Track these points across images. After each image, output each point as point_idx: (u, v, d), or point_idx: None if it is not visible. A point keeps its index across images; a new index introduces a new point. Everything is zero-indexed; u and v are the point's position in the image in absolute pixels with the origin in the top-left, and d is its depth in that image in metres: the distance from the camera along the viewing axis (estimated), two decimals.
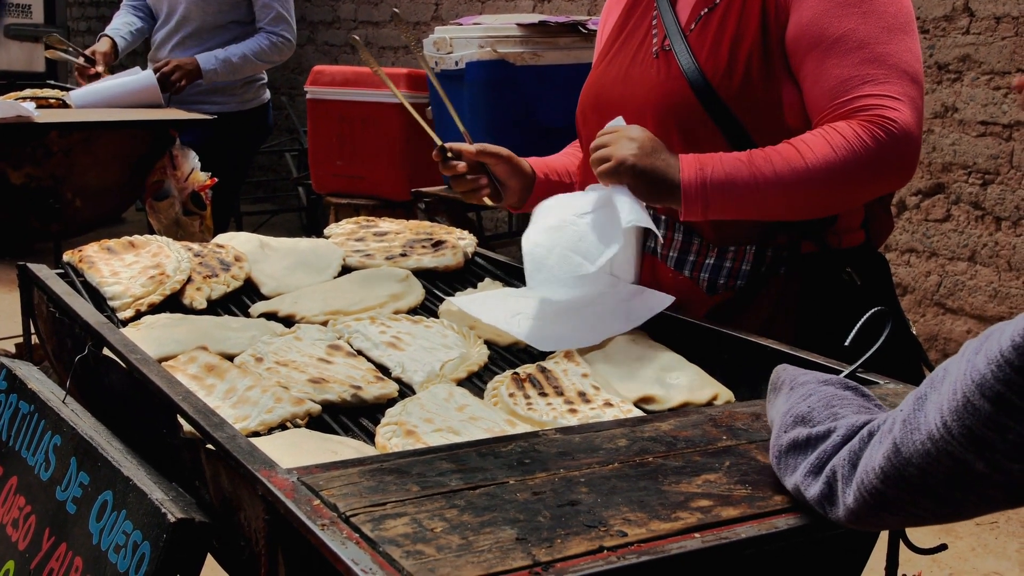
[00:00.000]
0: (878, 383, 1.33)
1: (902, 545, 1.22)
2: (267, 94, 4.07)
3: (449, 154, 1.76)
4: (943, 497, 0.85)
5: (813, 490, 0.94)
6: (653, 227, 1.56)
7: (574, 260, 1.54)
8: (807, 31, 1.52)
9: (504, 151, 1.79)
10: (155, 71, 3.69)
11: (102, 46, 3.86)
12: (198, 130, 3.62)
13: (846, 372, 1.35)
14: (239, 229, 2.83)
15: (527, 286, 1.61)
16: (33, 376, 1.51)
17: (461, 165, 1.77)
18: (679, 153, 1.55)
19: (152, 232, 3.25)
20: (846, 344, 1.32)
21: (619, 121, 1.60)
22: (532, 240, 1.59)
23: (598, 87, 1.72)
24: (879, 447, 0.88)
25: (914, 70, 1.50)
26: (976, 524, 3.11)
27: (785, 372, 1.16)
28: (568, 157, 1.90)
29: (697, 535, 0.89)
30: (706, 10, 1.60)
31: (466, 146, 1.77)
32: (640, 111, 1.62)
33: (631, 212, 1.52)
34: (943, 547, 1.22)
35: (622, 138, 1.54)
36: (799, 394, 1.06)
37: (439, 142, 1.77)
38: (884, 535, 1.22)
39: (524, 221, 1.83)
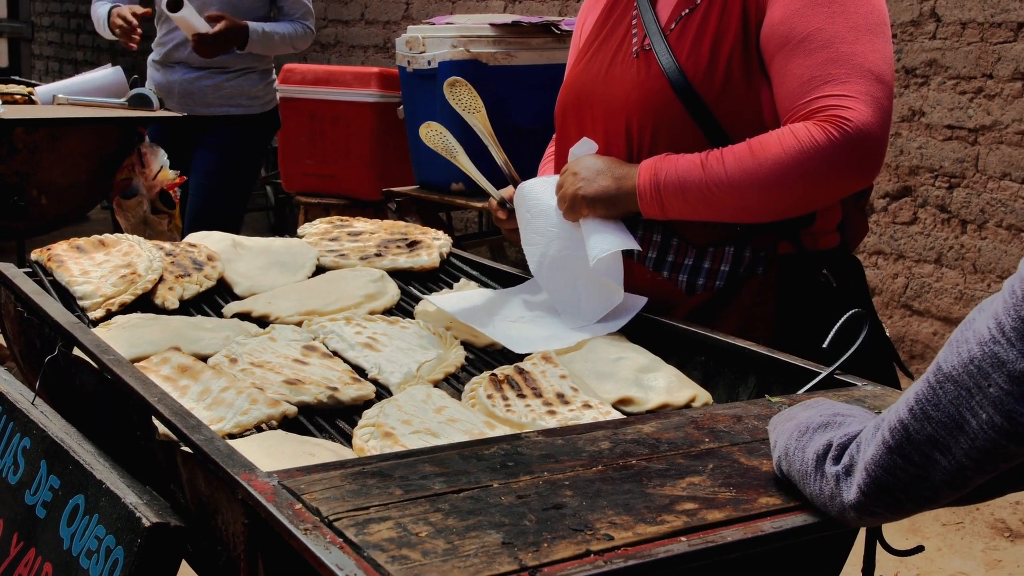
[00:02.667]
0: (856, 385, 1.33)
1: (878, 547, 1.22)
2: (277, 95, 4.08)
3: (508, 205, 1.80)
4: (968, 427, 0.82)
5: (832, 467, 0.93)
6: (624, 247, 1.58)
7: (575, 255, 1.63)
8: (777, 30, 1.52)
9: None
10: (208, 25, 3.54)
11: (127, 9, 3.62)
12: (223, 130, 3.67)
13: (825, 373, 1.35)
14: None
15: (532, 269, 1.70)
16: (0, 377, 1.48)
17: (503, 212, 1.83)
18: (663, 153, 1.56)
19: (118, 231, 3.21)
20: (824, 346, 1.32)
21: (582, 145, 1.65)
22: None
23: (578, 85, 1.71)
24: (911, 387, 0.87)
25: (880, 70, 1.48)
26: (942, 524, 3.14)
27: (824, 398, 1.17)
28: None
29: (683, 538, 0.88)
30: (687, 11, 1.60)
31: (511, 191, 1.80)
32: (620, 110, 1.61)
33: (600, 243, 1.58)
34: (920, 548, 1.23)
35: (568, 175, 1.63)
36: (842, 404, 1.07)
37: (497, 197, 1.81)
38: (861, 536, 1.22)
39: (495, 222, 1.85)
